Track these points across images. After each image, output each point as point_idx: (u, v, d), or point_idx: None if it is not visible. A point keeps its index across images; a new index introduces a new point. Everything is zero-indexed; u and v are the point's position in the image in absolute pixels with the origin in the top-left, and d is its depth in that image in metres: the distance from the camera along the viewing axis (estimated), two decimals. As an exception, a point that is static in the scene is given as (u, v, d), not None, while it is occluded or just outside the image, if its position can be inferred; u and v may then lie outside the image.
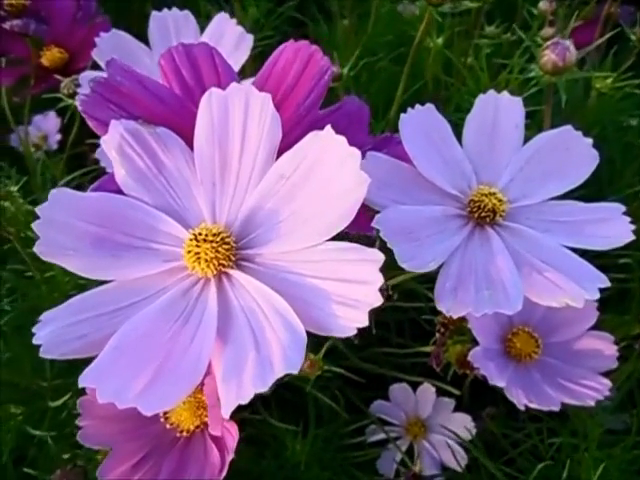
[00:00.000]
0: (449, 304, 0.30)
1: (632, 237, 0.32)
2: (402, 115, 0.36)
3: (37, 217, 0.30)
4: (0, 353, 0.46)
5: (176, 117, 0.33)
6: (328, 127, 0.29)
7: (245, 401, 0.24)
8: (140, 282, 0.30)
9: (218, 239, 0.29)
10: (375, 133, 0.56)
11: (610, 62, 0.50)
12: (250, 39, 0.44)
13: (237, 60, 0.44)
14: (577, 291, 0.30)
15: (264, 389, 0.24)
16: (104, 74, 0.31)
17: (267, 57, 0.35)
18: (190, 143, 0.32)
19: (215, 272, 0.29)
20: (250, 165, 0.31)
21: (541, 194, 0.35)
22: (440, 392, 0.49)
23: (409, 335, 0.54)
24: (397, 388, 0.50)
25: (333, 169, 0.28)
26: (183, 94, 0.35)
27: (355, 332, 0.26)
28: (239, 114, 0.31)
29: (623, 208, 0.34)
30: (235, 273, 0.29)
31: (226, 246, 0.29)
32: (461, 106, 0.56)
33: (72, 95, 0.42)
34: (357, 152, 0.28)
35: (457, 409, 0.49)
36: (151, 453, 0.31)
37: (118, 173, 0.32)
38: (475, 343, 0.40)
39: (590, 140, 0.35)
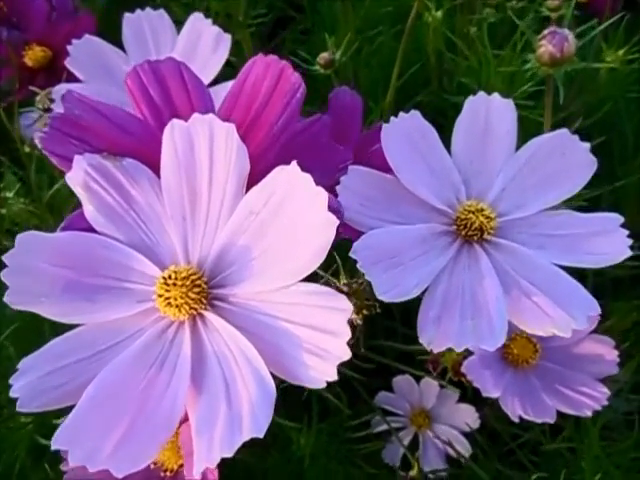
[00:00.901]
0: (430, 335, 0.29)
1: (629, 253, 0.30)
2: (384, 126, 0.33)
3: (5, 265, 0.29)
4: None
5: (143, 146, 0.32)
6: (294, 163, 0.27)
7: (212, 464, 0.24)
8: (116, 323, 0.30)
9: (188, 282, 0.28)
10: (375, 113, 0.54)
11: (622, 32, 0.46)
12: (228, 39, 0.42)
13: (216, 62, 0.42)
14: (565, 320, 0.28)
15: (230, 454, 0.24)
16: (62, 108, 0.30)
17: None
18: (157, 172, 0.31)
19: (187, 316, 0.29)
20: (219, 198, 0.29)
21: (535, 205, 0.33)
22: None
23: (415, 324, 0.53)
24: (401, 380, 0.50)
25: (301, 208, 0.27)
26: (152, 116, 0.33)
27: (324, 385, 0.25)
28: (204, 146, 0.29)
29: (621, 219, 0.31)
30: (209, 315, 0.29)
31: (197, 289, 0.28)
32: (463, 86, 0.53)
33: (47, 110, 0.41)
34: (323, 192, 0.26)
35: (462, 400, 0.49)
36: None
37: (87, 210, 0.31)
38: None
39: (587, 145, 0.33)
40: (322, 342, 0.26)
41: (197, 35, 0.42)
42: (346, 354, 0.25)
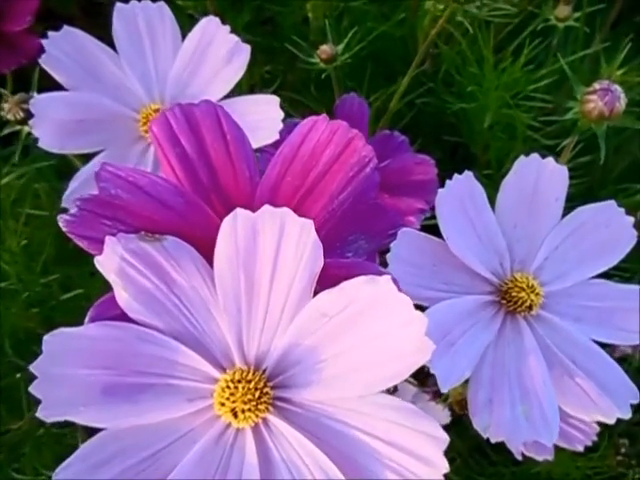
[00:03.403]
0: (485, 422, 0.30)
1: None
2: (440, 191, 0.31)
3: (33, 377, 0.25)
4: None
5: (184, 221, 0.27)
6: (387, 277, 0.25)
7: None
8: (161, 423, 0.27)
9: (257, 393, 0.26)
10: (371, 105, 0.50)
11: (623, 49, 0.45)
12: (247, 51, 0.35)
13: (231, 77, 0.35)
14: (611, 409, 0.30)
15: None
16: (92, 191, 0.24)
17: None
18: (202, 249, 0.27)
19: (252, 424, 0.27)
20: (283, 295, 0.26)
21: (575, 276, 0.33)
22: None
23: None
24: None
25: (392, 327, 0.25)
26: (184, 172, 0.28)
27: (414, 510, 0.25)
28: (271, 241, 0.26)
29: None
30: (273, 418, 0.27)
31: (265, 397, 0.26)
32: (451, 77, 0.50)
33: (21, 121, 0.33)
34: (424, 319, 0.24)
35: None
36: None
37: (120, 297, 0.26)
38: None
39: (631, 219, 0.33)
40: (409, 464, 0.25)
41: (208, 41, 0.35)
42: (441, 484, 0.25)
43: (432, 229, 0.34)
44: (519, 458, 0.39)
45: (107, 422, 0.26)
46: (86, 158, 0.38)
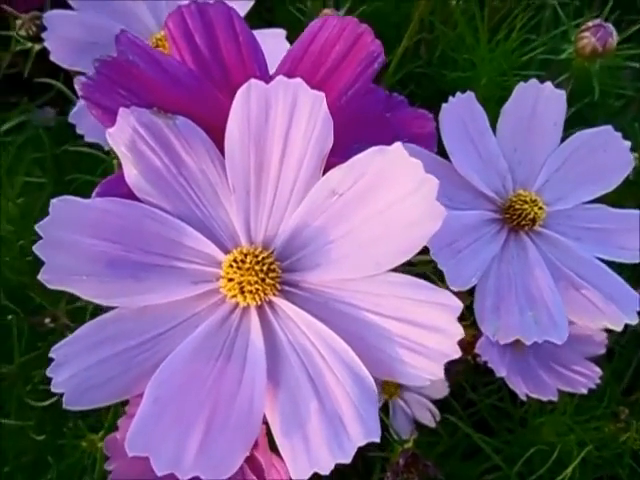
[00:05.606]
0: (494, 326, 0.29)
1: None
2: (443, 105, 0.32)
3: (38, 236, 0.24)
4: None
5: (195, 103, 0.27)
6: (398, 144, 0.25)
7: (324, 469, 0.22)
8: (162, 307, 0.26)
9: (264, 267, 0.26)
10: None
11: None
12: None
13: (241, 6, 0.37)
14: (617, 315, 0.30)
15: (346, 459, 0.22)
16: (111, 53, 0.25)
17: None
18: (212, 136, 0.27)
19: (259, 303, 0.26)
20: (293, 174, 0.26)
21: (574, 198, 0.34)
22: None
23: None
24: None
25: (401, 195, 0.25)
26: (197, 68, 0.29)
27: (427, 383, 0.24)
28: (283, 113, 0.26)
29: (655, 218, 0.34)
30: (279, 301, 0.26)
31: (273, 274, 0.26)
32: (446, 55, 0.52)
33: (33, 38, 0.33)
34: (434, 180, 0.25)
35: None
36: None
37: (129, 173, 0.26)
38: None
39: (628, 143, 0.34)
40: (420, 338, 0.25)
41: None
42: (456, 352, 0.24)
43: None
44: (524, 399, 0.38)
45: (108, 298, 0.26)
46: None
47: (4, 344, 0.39)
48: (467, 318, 0.41)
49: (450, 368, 0.50)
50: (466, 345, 0.40)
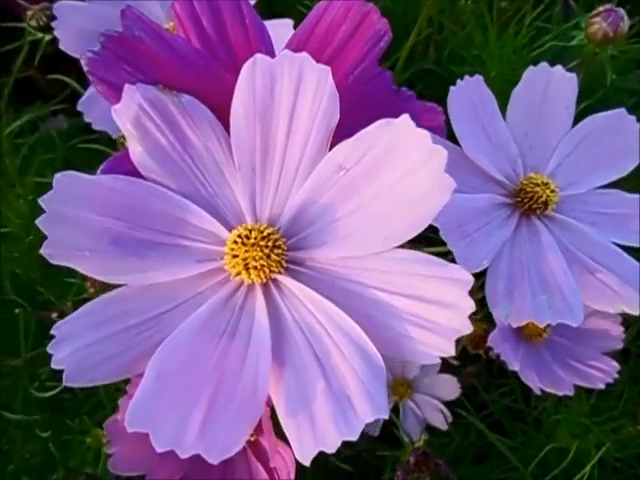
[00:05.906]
0: (506, 310, 0.29)
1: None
2: (451, 88, 0.32)
3: (41, 210, 0.24)
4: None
5: (200, 81, 0.27)
6: (405, 116, 0.25)
7: (328, 446, 0.21)
8: (167, 285, 0.26)
9: (270, 243, 0.25)
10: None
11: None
12: None
13: None
14: (634, 298, 0.29)
15: (353, 436, 0.21)
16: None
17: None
18: (216, 114, 0.27)
19: (265, 280, 0.25)
20: (299, 150, 0.26)
21: (588, 182, 0.33)
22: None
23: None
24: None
25: (410, 167, 0.24)
26: (204, 49, 0.29)
27: (437, 361, 0.24)
28: (288, 88, 0.26)
29: (669, 203, 0.33)
30: (284, 279, 0.26)
31: (278, 250, 0.25)
32: (455, 54, 0.52)
33: (44, 28, 0.34)
34: (443, 151, 0.24)
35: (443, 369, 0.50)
36: (188, 476, 0.28)
37: (134, 151, 0.26)
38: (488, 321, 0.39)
39: (641, 126, 0.33)
40: (430, 314, 0.24)
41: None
42: (467, 328, 0.23)
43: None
44: (538, 393, 0.37)
45: (112, 275, 0.25)
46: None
47: (11, 339, 0.39)
48: (478, 312, 0.41)
49: (462, 370, 0.50)
50: (478, 339, 0.39)
